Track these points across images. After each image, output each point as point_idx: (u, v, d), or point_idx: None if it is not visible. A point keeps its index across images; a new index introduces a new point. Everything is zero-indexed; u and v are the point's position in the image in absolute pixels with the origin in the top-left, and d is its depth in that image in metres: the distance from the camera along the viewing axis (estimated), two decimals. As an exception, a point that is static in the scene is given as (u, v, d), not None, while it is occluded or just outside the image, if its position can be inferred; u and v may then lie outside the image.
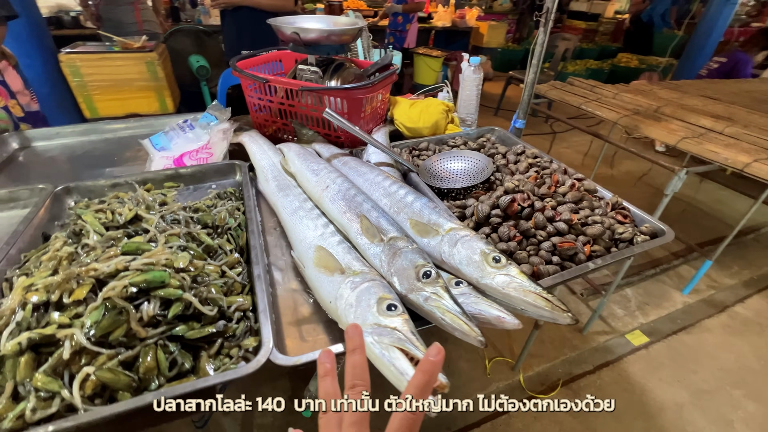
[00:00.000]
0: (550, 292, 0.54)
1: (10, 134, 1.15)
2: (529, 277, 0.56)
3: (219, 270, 0.67)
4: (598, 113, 1.68)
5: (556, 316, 0.52)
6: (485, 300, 0.56)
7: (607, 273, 2.10)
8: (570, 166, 1.00)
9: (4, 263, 0.65)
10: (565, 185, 0.90)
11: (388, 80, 1.15)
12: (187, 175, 1.00)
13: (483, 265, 0.58)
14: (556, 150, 3.62)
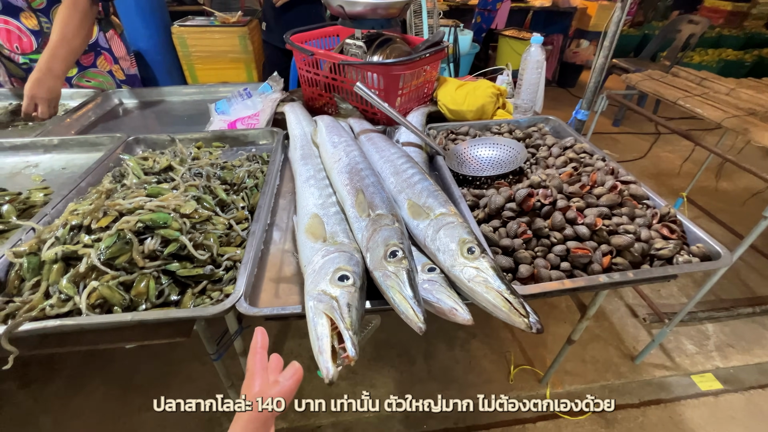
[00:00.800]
0: (516, 293, 0.49)
1: (113, 92, 1.39)
2: (499, 274, 0.51)
3: (226, 222, 0.74)
4: (698, 111, 1.40)
5: (513, 319, 0.47)
6: (447, 290, 0.53)
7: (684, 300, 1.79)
8: (666, 174, 0.87)
9: (74, 193, 0.81)
10: (603, 186, 0.79)
11: (430, 58, 1.10)
12: (231, 137, 1.10)
13: (456, 255, 0.55)
14: (656, 153, 3.12)
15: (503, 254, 0.70)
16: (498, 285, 0.49)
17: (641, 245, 0.69)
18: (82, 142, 1.05)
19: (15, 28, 1.26)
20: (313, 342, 0.43)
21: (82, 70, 1.40)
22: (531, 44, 1.17)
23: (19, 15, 1.24)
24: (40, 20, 1.26)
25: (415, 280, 0.52)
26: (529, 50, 1.17)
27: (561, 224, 0.72)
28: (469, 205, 0.80)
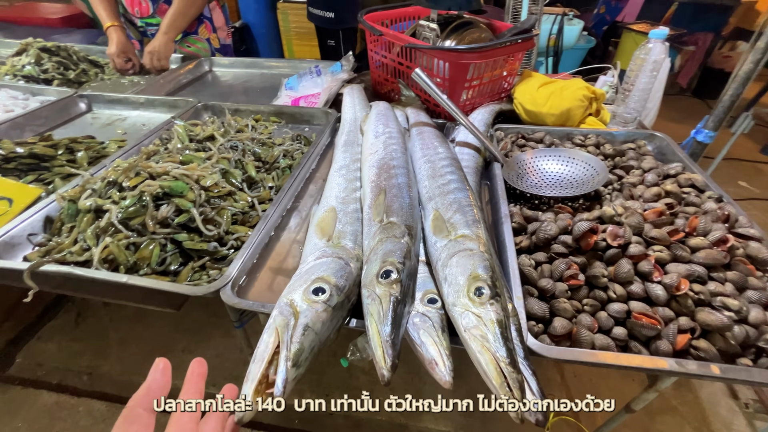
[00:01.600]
0: (517, 366, 0.37)
1: (205, 59, 1.49)
2: (505, 333, 0.39)
3: (249, 200, 0.73)
4: None
5: (501, 399, 0.35)
6: (437, 334, 0.43)
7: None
8: None
9: (135, 150, 0.87)
10: (705, 237, 0.58)
11: (509, 48, 0.94)
12: (289, 113, 1.10)
13: (462, 292, 0.44)
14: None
15: (538, 298, 0.56)
16: (497, 348, 0.38)
17: (744, 330, 0.50)
18: (162, 103, 1.14)
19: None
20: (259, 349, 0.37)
21: (186, 36, 1.53)
22: (649, 39, 0.92)
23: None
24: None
25: (399, 313, 0.43)
26: (644, 46, 0.92)
27: (627, 276, 0.55)
28: (514, 228, 0.67)
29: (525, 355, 0.41)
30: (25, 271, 0.56)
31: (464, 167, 0.80)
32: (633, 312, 0.52)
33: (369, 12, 1.13)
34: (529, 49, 1.01)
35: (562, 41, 1.61)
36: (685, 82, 3.97)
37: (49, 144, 0.84)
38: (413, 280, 0.50)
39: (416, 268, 0.52)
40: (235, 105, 1.09)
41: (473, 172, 0.80)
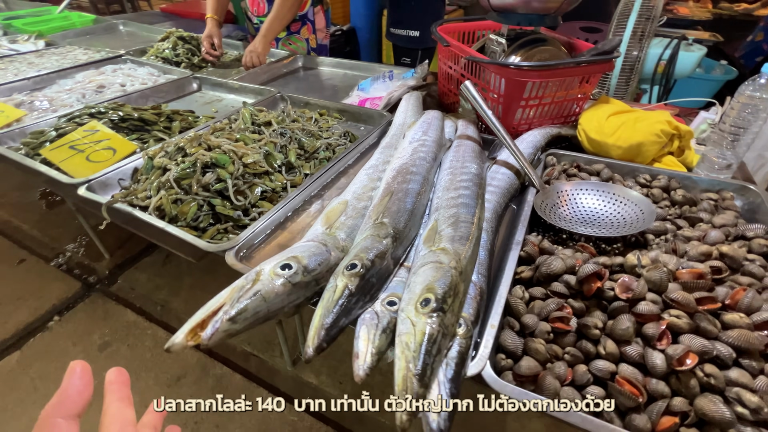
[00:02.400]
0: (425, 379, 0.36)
1: (300, 56, 1.67)
2: (429, 347, 0.38)
3: (283, 181, 0.81)
4: None
5: (395, 407, 0.35)
6: (374, 332, 0.43)
7: None
8: None
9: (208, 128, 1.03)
10: (746, 317, 0.48)
11: (575, 70, 0.87)
12: (350, 112, 1.17)
13: (413, 299, 0.44)
14: None
15: (518, 333, 0.53)
16: (413, 358, 0.37)
17: (758, 436, 0.40)
18: (251, 90, 1.31)
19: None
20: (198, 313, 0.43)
21: (290, 35, 1.73)
22: (762, 73, 0.76)
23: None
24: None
25: (348, 305, 0.45)
26: (756, 81, 0.77)
27: (625, 335, 0.48)
28: (522, 257, 0.63)
29: (454, 378, 0.40)
30: (103, 205, 0.72)
31: (494, 187, 0.78)
32: (618, 375, 0.46)
33: (444, 23, 1.15)
34: (606, 72, 0.92)
35: (673, 68, 1.40)
36: None
37: (155, 112, 1.05)
38: (381, 280, 0.51)
39: (389, 270, 0.53)
40: (307, 98, 1.21)
41: (502, 193, 0.77)
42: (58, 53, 1.61)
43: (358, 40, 2.97)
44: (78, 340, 1.57)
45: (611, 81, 1.43)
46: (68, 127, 0.93)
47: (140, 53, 1.64)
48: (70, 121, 0.96)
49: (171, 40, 1.58)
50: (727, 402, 0.42)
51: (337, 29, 2.77)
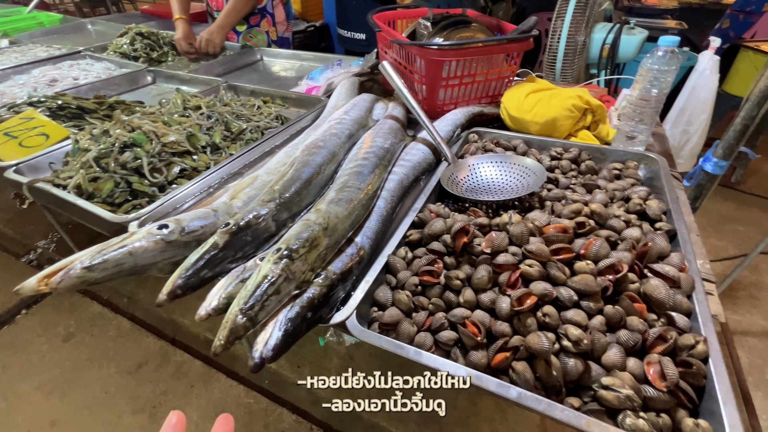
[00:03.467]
0: (249, 314, 0.39)
1: (257, 49, 1.70)
2: (270, 286, 0.41)
3: (208, 161, 0.84)
4: None
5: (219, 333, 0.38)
6: (232, 282, 0.47)
7: None
8: None
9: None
10: (596, 263, 0.51)
11: (488, 49, 0.90)
12: (292, 99, 1.20)
13: (272, 249, 0.47)
14: None
15: (392, 288, 0.56)
16: (244, 294, 0.40)
17: (579, 366, 0.43)
18: (201, 81, 1.34)
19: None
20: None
21: (250, 28, 1.76)
22: (658, 46, 0.79)
23: None
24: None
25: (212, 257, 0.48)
26: (653, 54, 0.80)
27: (481, 284, 0.51)
28: (414, 221, 0.66)
29: (294, 318, 0.43)
30: (24, 185, 0.75)
31: (406, 161, 0.81)
32: (467, 320, 0.49)
33: (381, 11, 1.18)
34: (520, 51, 0.95)
35: (617, 52, 1.44)
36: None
37: (97, 101, 1.07)
38: (257, 239, 0.54)
39: (269, 231, 0.56)
40: (252, 87, 1.24)
41: (413, 166, 0.80)
42: (19, 51, 1.64)
43: (332, 36, 2.99)
44: (43, 332, 1.60)
45: (557, 66, 1.46)
46: (6, 115, 0.96)
47: (101, 50, 1.67)
48: (9, 110, 0.99)
49: (129, 36, 1.61)
50: (558, 338, 0.45)
51: (309, 25, 2.80)
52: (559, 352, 0.45)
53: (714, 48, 1.11)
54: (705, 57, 1.03)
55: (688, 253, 0.56)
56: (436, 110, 1.00)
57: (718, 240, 2.13)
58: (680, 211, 0.65)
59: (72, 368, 1.45)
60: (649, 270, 0.52)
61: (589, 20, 1.41)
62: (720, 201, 2.44)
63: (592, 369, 0.44)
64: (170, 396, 1.38)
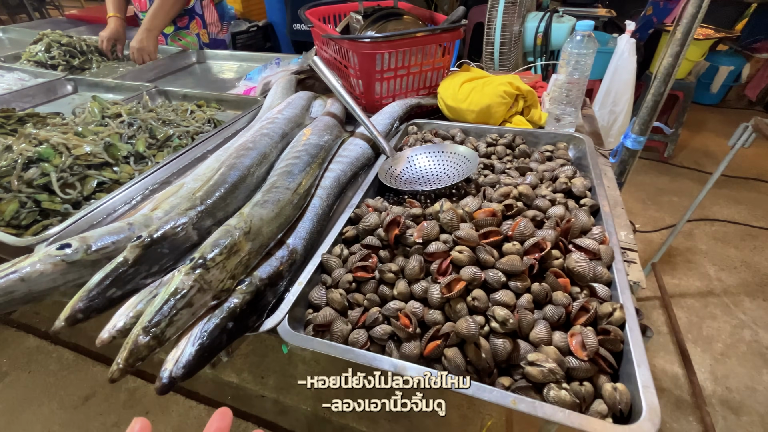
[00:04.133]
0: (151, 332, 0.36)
1: (192, 51, 1.61)
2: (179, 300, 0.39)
3: (132, 172, 0.78)
4: None
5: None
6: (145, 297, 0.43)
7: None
8: None
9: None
10: (519, 244, 0.52)
11: (420, 40, 0.90)
12: (227, 101, 1.15)
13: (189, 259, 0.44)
14: None
15: (327, 287, 0.54)
16: (149, 311, 0.38)
17: (507, 345, 0.44)
18: (128, 87, 1.25)
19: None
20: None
21: (177, 30, 1.67)
22: (576, 31, 0.83)
23: None
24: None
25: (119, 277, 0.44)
26: (574, 39, 0.83)
27: (413, 274, 0.51)
28: (350, 217, 0.64)
29: (212, 330, 0.40)
30: None
31: (343, 157, 0.79)
32: (400, 312, 0.48)
33: (313, 7, 1.15)
34: (451, 40, 0.96)
35: (549, 40, 1.50)
36: (754, 95, 3.47)
37: (4, 115, 0.97)
38: (175, 251, 0.51)
39: (190, 241, 0.53)
40: (184, 91, 1.17)
41: (350, 162, 0.79)
42: None
43: (277, 35, 2.91)
44: (-30, 375, 1.44)
45: (495, 55, 1.50)
46: None
47: (13, 59, 1.52)
48: None
49: (44, 42, 1.48)
50: (488, 320, 0.46)
51: (252, 25, 2.71)
52: (489, 334, 0.45)
53: (630, 31, 1.18)
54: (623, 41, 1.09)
55: (609, 226, 0.59)
56: (375, 104, 0.99)
57: (657, 211, 2.29)
58: (604, 187, 0.69)
59: (6, 410, 1.32)
60: (573, 245, 0.54)
61: (521, 10, 1.45)
62: (656, 175, 2.63)
63: (521, 347, 0.45)
64: (123, 427, 1.28)
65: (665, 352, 1.52)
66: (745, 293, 1.78)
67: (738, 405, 1.35)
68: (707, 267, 1.91)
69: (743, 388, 1.40)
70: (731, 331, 1.61)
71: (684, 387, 1.39)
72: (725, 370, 1.46)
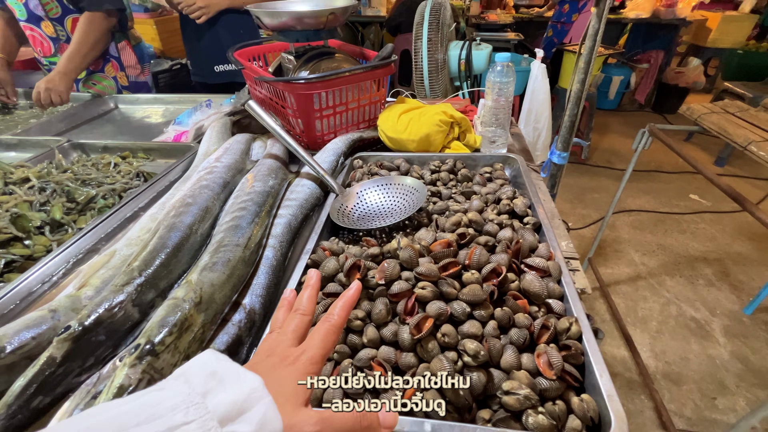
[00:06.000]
0: None
1: (109, 96, 1.50)
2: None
3: (48, 244, 0.69)
4: (774, 163, 0.97)
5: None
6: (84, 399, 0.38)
7: None
8: None
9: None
10: (478, 272, 0.54)
11: (353, 77, 0.93)
12: (157, 149, 1.08)
13: (129, 348, 0.39)
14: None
15: (293, 345, 0.51)
16: None
17: (482, 377, 0.44)
18: (33, 143, 1.12)
19: (38, 35, 1.43)
20: None
21: (90, 74, 1.54)
22: (496, 62, 0.91)
23: (40, 23, 1.41)
24: (56, 28, 1.42)
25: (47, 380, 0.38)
26: (494, 69, 0.91)
27: (380, 318, 0.50)
28: (308, 264, 0.62)
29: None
30: None
31: (291, 200, 0.77)
32: (373, 360, 0.47)
33: (242, 47, 1.14)
34: (383, 75, 1.00)
35: (471, 65, 1.62)
36: (643, 98, 4.03)
37: None
38: (114, 335, 0.45)
39: (132, 320, 0.48)
40: (104, 142, 1.08)
41: (299, 205, 0.77)
42: None
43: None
44: None
45: (425, 82, 1.59)
46: None
47: None
48: None
49: None
50: (459, 355, 0.46)
51: (174, 63, 2.59)
52: (463, 368, 0.46)
53: (540, 57, 1.33)
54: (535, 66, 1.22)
55: (552, 241, 0.63)
56: (317, 141, 0.99)
57: (583, 209, 2.53)
58: (541, 202, 0.74)
59: None
60: (525, 265, 0.57)
61: (444, 40, 1.56)
62: (578, 176, 2.92)
63: (495, 376, 0.46)
64: None
65: (611, 338, 1.65)
66: (665, 273, 2.01)
67: (677, 376, 1.50)
68: (632, 254, 2.14)
69: (679, 360, 1.57)
70: (660, 309, 1.80)
71: (632, 368, 1.52)
72: (662, 345, 1.63)
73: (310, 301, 0.40)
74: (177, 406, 0.23)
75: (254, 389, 0.27)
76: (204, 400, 0.24)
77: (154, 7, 2.92)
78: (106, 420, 0.21)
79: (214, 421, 0.23)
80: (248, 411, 0.25)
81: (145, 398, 0.24)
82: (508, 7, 3.91)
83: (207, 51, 1.63)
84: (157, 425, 0.21)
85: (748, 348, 1.60)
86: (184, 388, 0.25)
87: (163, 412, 0.22)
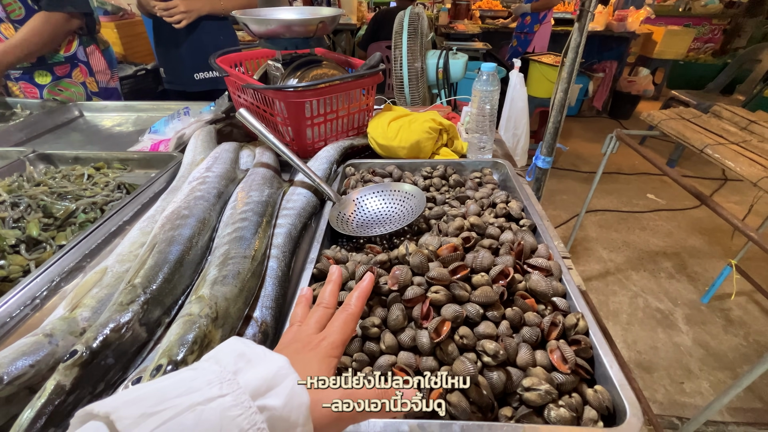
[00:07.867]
0: None
1: (73, 104, 1.41)
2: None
3: (24, 263, 0.64)
4: (728, 164, 1.07)
5: None
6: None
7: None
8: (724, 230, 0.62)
9: None
10: (488, 273, 0.56)
11: (345, 86, 0.94)
12: (135, 160, 1.02)
13: (150, 366, 0.38)
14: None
15: (308, 356, 0.50)
16: None
17: (502, 376, 0.46)
18: (-6, 155, 1.03)
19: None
20: None
21: (57, 80, 1.44)
22: (482, 71, 0.95)
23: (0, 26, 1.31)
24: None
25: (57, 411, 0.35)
26: (480, 78, 0.95)
27: (397, 324, 0.51)
28: (314, 274, 0.62)
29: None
30: None
31: (289, 210, 0.76)
32: (395, 366, 0.47)
33: (224, 54, 1.11)
34: (373, 84, 1.01)
35: (448, 74, 1.67)
36: (600, 105, 4.29)
37: None
38: (123, 357, 0.43)
39: (140, 340, 0.45)
40: (75, 152, 1.01)
41: (297, 214, 0.76)
42: None
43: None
44: None
45: (405, 91, 1.61)
46: None
47: None
48: None
49: None
50: (478, 356, 0.47)
51: (139, 69, 2.48)
52: (483, 368, 0.47)
53: (517, 67, 1.39)
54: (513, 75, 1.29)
55: (548, 241, 0.67)
56: (308, 149, 0.98)
57: (554, 210, 2.65)
58: (533, 205, 0.78)
59: None
60: (528, 266, 0.60)
61: (421, 48, 1.60)
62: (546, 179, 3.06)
63: (513, 374, 0.47)
64: None
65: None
66: (630, 268, 2.15)
67: (648, 364, 1.60)
68: (600, 251, 2.27)
69: (648, 349, 1.67)
70: (629, 302, 1.92)
71: (608, 359, 1.61)
72: (633, 336, 1.73)
73: (332, 295, 0.43)
74: (212, 381, 0.24)
75: (281, 367, 0.29)
76: (235, 377, 0.25)
77: (115, 10, 2.79)
78: (149, 392, 0.23)
79: (246, 395, 0.25)
80: (277, 386, 0.27)
81: (181, 375, 0.25)
82: (475, 18, 4.07)
83: (186, 58, 1.58)
84: (196, 396, 0.23)
85: (707, 334, 1.74)
86: (216, 367, 0.26)
87: (200, 385, 0.24)
